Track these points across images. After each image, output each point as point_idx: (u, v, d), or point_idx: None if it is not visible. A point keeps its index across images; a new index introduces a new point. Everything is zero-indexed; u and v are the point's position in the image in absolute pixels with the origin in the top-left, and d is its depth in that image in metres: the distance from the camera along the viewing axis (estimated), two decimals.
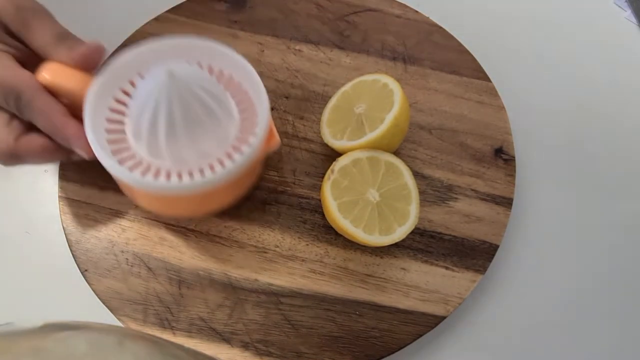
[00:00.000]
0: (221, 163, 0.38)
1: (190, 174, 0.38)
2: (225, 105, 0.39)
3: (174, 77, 0.35)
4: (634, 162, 0.49)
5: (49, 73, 0.38)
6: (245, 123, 0.40)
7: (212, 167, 0.38)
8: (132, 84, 0.41)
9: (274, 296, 0.42)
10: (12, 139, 0.37)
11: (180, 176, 0.38)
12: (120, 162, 0.38)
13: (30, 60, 0.39)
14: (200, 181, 0.37)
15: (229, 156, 0.39)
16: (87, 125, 0.37)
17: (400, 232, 0.39)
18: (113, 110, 0.40)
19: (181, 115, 0.36)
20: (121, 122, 0.40)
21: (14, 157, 0.38)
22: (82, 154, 0.37)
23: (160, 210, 0.43)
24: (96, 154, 0.37)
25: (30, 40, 0.39)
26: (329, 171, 0.41)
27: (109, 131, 0.39)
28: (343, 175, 0.41)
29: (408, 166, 0.41)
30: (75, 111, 0.38)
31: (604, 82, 0.52)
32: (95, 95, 0.38)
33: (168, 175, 0.38)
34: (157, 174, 0.38)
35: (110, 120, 0.40)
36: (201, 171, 0.38)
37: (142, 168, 0.38)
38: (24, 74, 0.37)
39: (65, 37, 0.38)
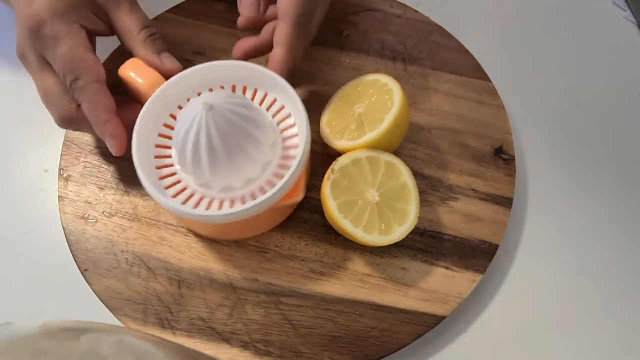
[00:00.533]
0: (262, 190, 0.40)
1: (232, 203, 0.40)
2: (266, 128, 0.39)
3: (211, 108, 0.36)
4: (634, 162, 0.49)
5: (133, 71, 0.41)
6: (286, 148, 0.42)
7: (253, 196, 0.40)
8: (189, 100, 0.43)
9: (274, 296, 0.42)
10: (75, 107, 0.40)
11: (221, 204, 0.40)
12: (165, 186, 0.40)
13: (105, 33, 0.42)
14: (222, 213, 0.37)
15: (271, 183, 0.40)
16: (135, 149, 0.39)
17: (400, 232, 0.39)
18: (165, 127, 0.42)
19: (221, 144, 0.37)
20: (170, 141, 0.42)
21: (73, 123, 0.41)
22: (113, 151, 0.40)
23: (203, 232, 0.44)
24: (144, 185, 0.38)
25: (117, 22, 0.41)
26: (329, 171, 0.41)
27: (158, 147, 0.42)
28: (343, 175, 0.41)
29: (408, 166, 0.41)
30: (141, 101, 0.41)
31: (604, 82, 0.52)
32: (146, 117, 0.40)
33: (210, 204, 0.40)
34: (200, 200, 0.40)
35: (161, 136, 0.42)
36: (242, 199, 0.40)
37: (185, 195, 0.40)
38: (90, 59, 0.39)
39: (153, 35, 0.42)
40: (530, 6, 0.56)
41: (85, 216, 0.44)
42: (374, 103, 0.42)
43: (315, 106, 0.48)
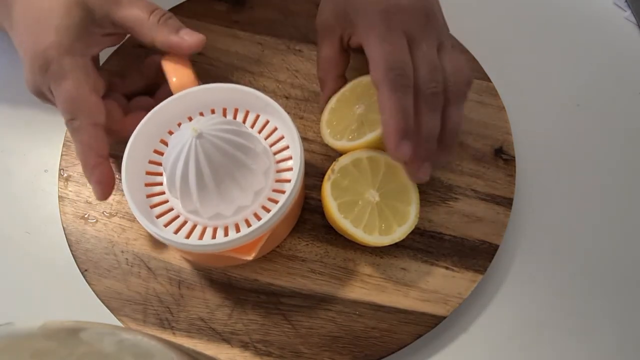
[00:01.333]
0: (257, 216, 0.39)
1: (225, 230, 0.39)
2: (258, 156, 0.38)
3: (200, 136, 0.35)
4: (634, 162, 0.49)
5: (171, 66, 0.41)
6: (280, 171, 0.41)
7: (247, 222, 0.39)
8: (179, 126, 0.42)
9: (274, 296, 0.42)
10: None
11: (215, 232, 0.39)
12: (152, 207, 0.40)
13: (116, 43, 0.42)
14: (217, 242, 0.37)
15: (265, 208, 0.39)
16: (125, 182, 0.38)
17: (400, 232, 0.39)
18: (156, 153, 0.42)
19: (210, 173, 0.36)
20: (161, 167, 0.41)
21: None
22: (96, 196, 0.40)
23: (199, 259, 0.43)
24: (135, 215, 0.38)
25: (124, 20, 0.40)
26: (329, 171, 0.41)
27: (149, 174, 0.41)
28: (343, 175, 0.41)
29: None
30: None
31: (604, 82, 0.52)
32: (136, 142, 0.39)
33: (203, 231, 0.39)
34: (184, 224, 0.39)
35: (152, 163, 0.41)
36: (237, 227, 0.39)
37: (171, 216, 0.40)
38: (91, 100, 0.39)
39: (164, 15, 0.41)
40: (530, 6, 0.56)
41: (85, 216, 0.44)
42: (373, 103, 0.42)
43: (315, 106, 0.48)
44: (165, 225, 0.39)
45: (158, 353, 0.23)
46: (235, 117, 0.42)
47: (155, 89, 0.44)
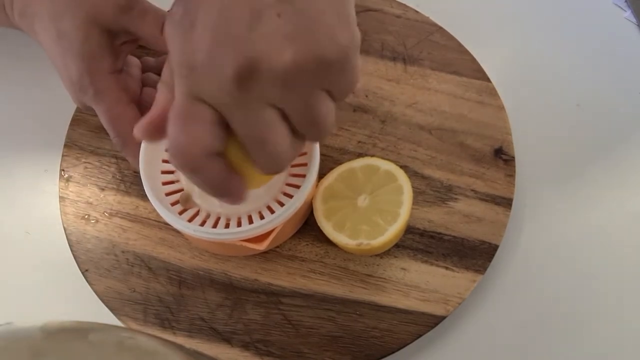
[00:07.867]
0: (269, 209, 0.40)
1: (239, 221, 0.40)
2: None
3: None
4: (634, 162, 0.49)
5: None
6: (294, 166, 0.41)
7: (260, 214, 0.40)
8: None
9: (274, 296, 0.42)
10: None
11: (228, 222, 0.40)
12: (167, 194, 0.41)
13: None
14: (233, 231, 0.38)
15: (278, 201, 0.40)
16: (142, 170, 0.39)
17: (388, 234, 0.39)
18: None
19: None
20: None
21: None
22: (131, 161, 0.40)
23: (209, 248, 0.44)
24: (149, 198, 0.38)
25: (136, 33, 0.40)
26: (317, 196, 0.41)
27: (165, 162, 0.42)
28: (330, 196, 0.41)
29: (405, 172, 0.41)
30: None
31: (604, 82, 0.52)
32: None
33: (217, 221, 0.40)
34: (197, 213, 0.40)
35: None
36: (249, 218, 0.40)
37: (189, 213, 0.41)
38: (128, 114, 0.39)
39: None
40: (530, 6, 0.56)
41: (86, 216, 0.44)
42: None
43: None
44: (180, 213, 0.40)
45: (158, 353, 0.24)
46: None
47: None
